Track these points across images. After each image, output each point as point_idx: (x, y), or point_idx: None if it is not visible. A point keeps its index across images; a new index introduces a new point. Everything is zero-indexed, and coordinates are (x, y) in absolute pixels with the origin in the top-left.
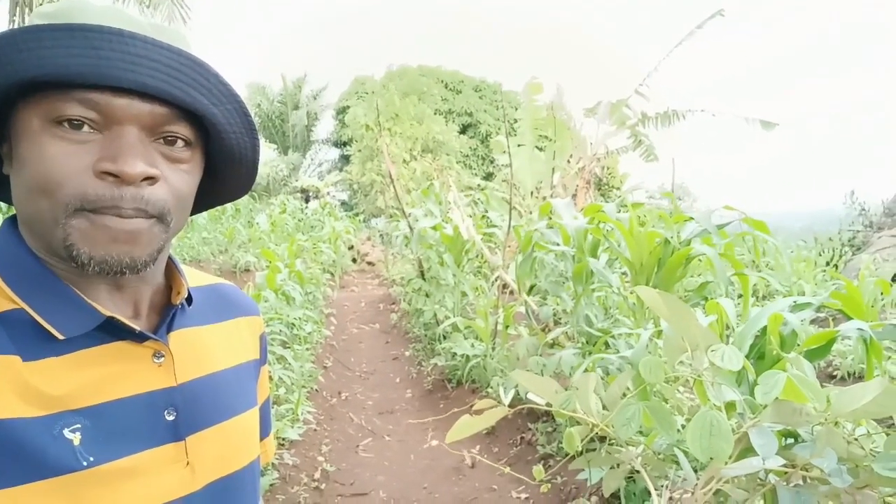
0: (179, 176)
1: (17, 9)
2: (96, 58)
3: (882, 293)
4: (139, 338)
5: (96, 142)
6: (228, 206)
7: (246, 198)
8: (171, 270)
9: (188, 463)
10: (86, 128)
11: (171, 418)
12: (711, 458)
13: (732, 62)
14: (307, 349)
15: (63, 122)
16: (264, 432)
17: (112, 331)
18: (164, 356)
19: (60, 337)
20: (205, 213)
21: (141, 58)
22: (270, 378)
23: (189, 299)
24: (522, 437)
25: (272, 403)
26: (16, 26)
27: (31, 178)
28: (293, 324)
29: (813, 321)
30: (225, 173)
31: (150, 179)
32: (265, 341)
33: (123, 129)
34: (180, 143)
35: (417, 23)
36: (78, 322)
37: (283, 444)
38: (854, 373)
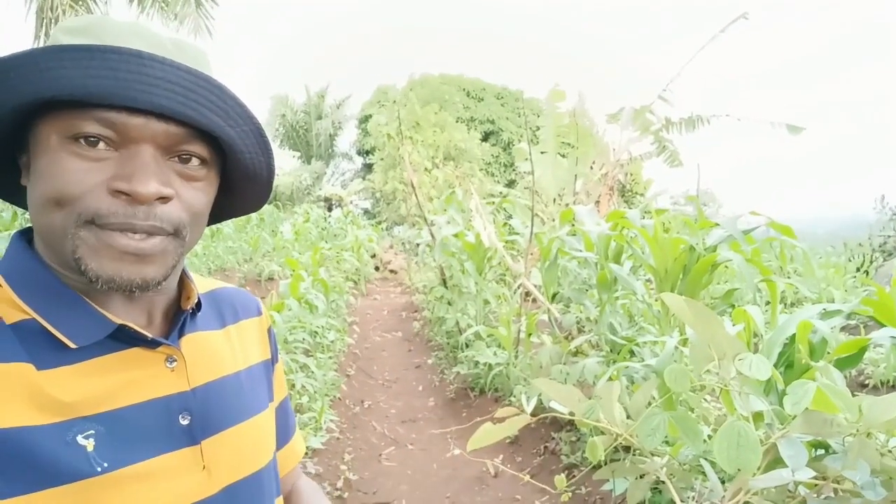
0: (193, 193)
1: (43, 26)
2: (114, 79)
3: None
4: (152, 344)
5: (112, 159)
6: (253, 215)
7: (270, 207)
8: (181, 276)
9: (204, 467)
10: (101, 145)
11: (185, 422)
12: (739, 470)
13: (757, 57)
14: (330, 357)
15: (80, 139)
16: (291, 431)
17: (125, 338)
18: (176, 361)
19: (73, 346)
20: (230, 223)
21: (158, 79)
22: (293, 386)
23: (198, 305)
24: (546, 447)
25: (295, 412)
26: (41, 43)
27: (47, 192)
28: (316, 332)
29: (843, 329)
30: (240, 190)
31: (164, 199)
32: (273, 336)
33: (139, 148)
34: (195, 161)
35: (437, 30)
36: (90, 331)
37: (305, 453)
38: (887, 382)
